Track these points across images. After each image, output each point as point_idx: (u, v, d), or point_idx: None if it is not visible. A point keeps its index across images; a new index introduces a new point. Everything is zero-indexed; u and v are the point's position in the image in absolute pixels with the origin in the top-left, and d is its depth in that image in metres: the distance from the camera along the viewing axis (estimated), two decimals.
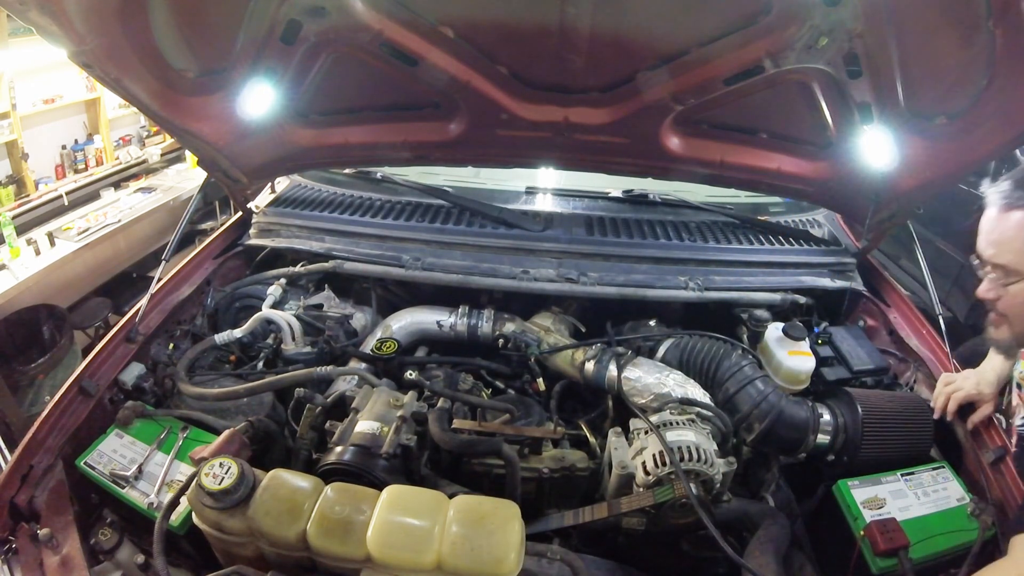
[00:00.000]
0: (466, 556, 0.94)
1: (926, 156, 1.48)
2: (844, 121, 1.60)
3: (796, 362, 1.50)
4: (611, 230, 1.88)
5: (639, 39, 1.49)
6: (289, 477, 1.06)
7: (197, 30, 1.46)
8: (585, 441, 1.42)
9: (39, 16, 1.13)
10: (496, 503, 1.02)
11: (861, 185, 1.70)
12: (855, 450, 1.36)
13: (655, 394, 1.39)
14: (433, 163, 2.00)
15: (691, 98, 1.62)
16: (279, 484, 1.04)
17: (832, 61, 1.45)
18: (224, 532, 1.04)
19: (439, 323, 1.66)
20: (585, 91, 1.66)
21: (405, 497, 1.02)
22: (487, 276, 1.67)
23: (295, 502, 1.02)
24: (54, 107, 5.36)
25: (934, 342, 1.59)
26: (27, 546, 1.07)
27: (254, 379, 1.43)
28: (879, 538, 1.15)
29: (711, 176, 1.87)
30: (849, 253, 1.88)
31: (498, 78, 1.64)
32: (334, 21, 1.45)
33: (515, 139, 1.81)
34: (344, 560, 1.00)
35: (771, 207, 2.20)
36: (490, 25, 1.51)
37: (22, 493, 1.14)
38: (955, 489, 1.28)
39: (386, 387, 1.40)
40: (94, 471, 1.18)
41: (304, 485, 1.05)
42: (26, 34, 4.09)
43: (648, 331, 1.63)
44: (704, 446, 1.22)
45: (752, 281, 1.73)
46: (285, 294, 1.71)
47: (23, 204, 4.11)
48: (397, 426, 1.24)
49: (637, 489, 1.22)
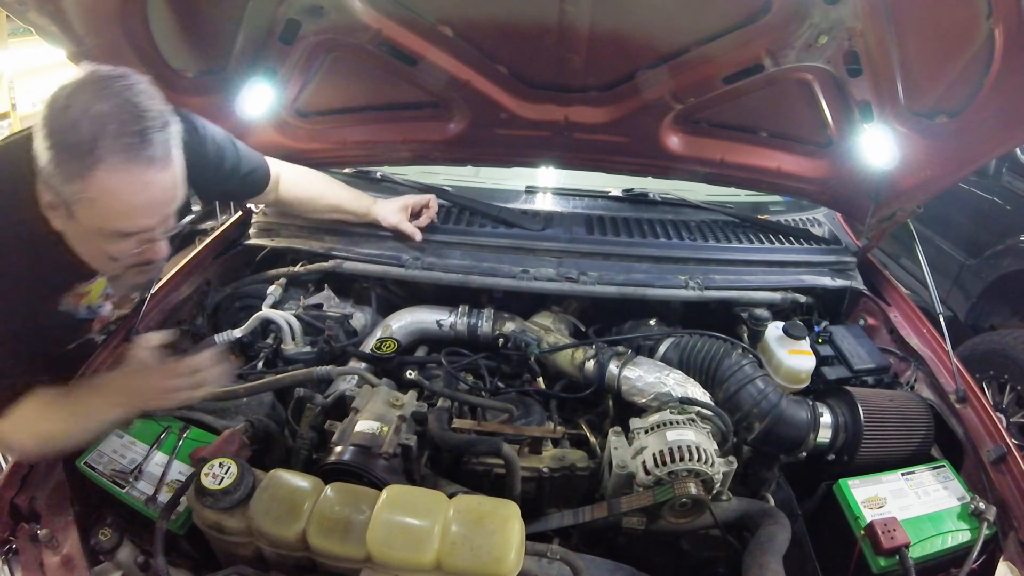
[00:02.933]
0: (466, 556, 0.94)
1: (926, 155, 1.48)
2: (844, 119, 1.60)
3: (796, 361, 1.50)
4: (611, 229, 1.88)
5: (638, 38, 1.49)
6: (289, 477, 1.06)
7: (196, 30, 1.46)
8: (585, 441, 1.42)
9: (38, 16, 1.13)
10: (496, 503, 1.02)
11: (861, 184, 1.70)
12: (855, 449, 1.35)
13: (655, 393, 1.39)
14: (433, 163, 2.00)
15: (691, 97, 1.62)
16: (279, 484, 1.04)
17: (832, 59, 1.45)
18: (224, 532, 1.04)
19: (439, 323, 1.66)
20: (585, 90, 1.66)
21: (405, 497, 1.02)
22: (487, 275, 1.67)
23: (295, 502, 1.02)
24: None
25: (935, 341, 1.58)
26: (27, 546, 1.07)
27: (254, 379, 1.43)
28: (880, 537, 1.14)
29: (711, 175, 1.87)
30: (849, 252, 1.88)
31: (497, 77, 1.64)
32: (333, 20, 1.44)
33: (515, 138, 1.81)
34: (344, 560, 1.00)
35: (771, 206, 2.20)
36: (489, 24, 1.51)
37: (22, 493, 1.14)
38: (956, 488, 1.28)
39: (386, 387, 1.40)
40: (94, 471, 1.18)
41: (304, 485, 1.05)
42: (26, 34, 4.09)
43: (648, 330, 1.63)
44: (704, 445, 1.22)
45: (752, 280, 1.73)
46: (285, 294, 1.71)
47: None
48: (397, 426, 1.24)
49: (637, 489, 1.22)
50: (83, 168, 0.95)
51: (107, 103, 0.95)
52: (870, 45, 1.36)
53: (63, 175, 0.97)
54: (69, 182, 0.97)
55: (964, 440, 1.38)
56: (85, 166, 0.95)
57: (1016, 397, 2.65)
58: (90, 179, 0.96)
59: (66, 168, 0.96)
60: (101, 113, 0.94)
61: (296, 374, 1.43)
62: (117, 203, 1.00)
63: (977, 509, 1.21)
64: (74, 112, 0.94)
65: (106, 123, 0.94)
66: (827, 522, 1.31)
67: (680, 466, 1.18)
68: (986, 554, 1.18)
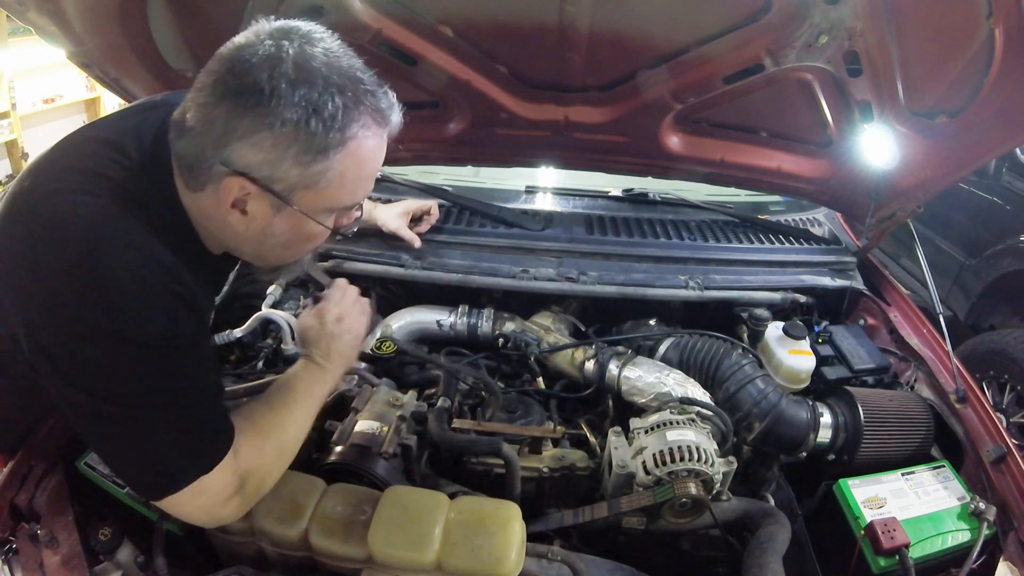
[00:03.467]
0: (467, 556, 0.94)
1: (926, 155, 1.48)
2: (844, 119, 1.60)
3: (796, 361, 1.50)
4: (611, 229, 1.88)
5: (638, 37, 1.49)
6: (291, 476, 1.06)
7: (196, 30, 1.46)
8: (585, 441, 1.42)
9: (38, 16, 1.13)
10: (498, 504, 1.03)
11: (861, 184, 1.70)
12: (855, 449, 1.35)
13: (655, 393, 1.39)
14: (432, 162, 1.99)
15: (691, 96, 1.62)
16: (281, 483, 1.04)
17: (832, 59, 1.45)
18: (226, 531, 1.05)
19: (439, 322, 1.66)
20: (585, 90, 1.66)
21: (406, 498, 1.02)
22: (487, 275, 1.66)
23: (297, 502, 1.02)
24: (54, 107, 5.37)
25: (935, 341, 1.58)
26: (27, 546, 1.07)
27: (254, 379, 1.43)
28: (880, 537, 1.14)
29: (711, 175, 1.87)
30: (849, 252, 1.88)
31: (497, 77, 1.64)
32: (333, 20, 1.44)
33: (515, 138, 1.80)
34: (345, 560, 1.00)
35: (771, 206, 2.20)
36: (489, 24, 1.51)
37: (22, 493, 1.14)
38: (956, 488, 1.28)
39: (386, 387, 1.40)
40: (94, 471, 1.18)
41: (306, 485, 1.05)
42: (26, 34, 4.09)
43: (648, 330, 1.63)
44: (704, 445, 1.22)
45: (752, 280, 1.73)
46: (285, 294, 1.71)
47: None
48: (397, 426, 1.24)
49: (637, 489, 1.22)
50: (341, 135, 0.80)
51: (336, 58, 0.80)
52: (870, 45, 1.36)
53: (302, 161, 0.80)
54: (310, 164, 0.81)
55: (964, 440, 1.38)
56: (336, 142, 0.80)
57: (1016, 397, 2.65)
58: (342, 154, 0.81)
59: (309, 150, 0.79)
60: (341, 70, 0.79)
61: None
62: (365, 171, 0.87)
63: (977, 509, 1.21)
64: (313, 74, 0.77)
65: (351, 79, 0.80)
66: (827, 522, 1.31)
67: (680, 466, 1.18)
68: (986, 554, 1.18)
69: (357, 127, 0.81)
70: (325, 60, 0.79)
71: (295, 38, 0.79)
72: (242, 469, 0.91)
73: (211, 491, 0.88)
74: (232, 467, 0.89)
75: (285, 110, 0.76)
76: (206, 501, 0.88)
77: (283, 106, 0.76)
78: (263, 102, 0.76)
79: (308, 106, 0.77)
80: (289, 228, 0.88)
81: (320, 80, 0.77)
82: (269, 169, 0.80)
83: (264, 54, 0.77)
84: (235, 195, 0.82)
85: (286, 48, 0.77)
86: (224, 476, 0.88)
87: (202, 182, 0.83)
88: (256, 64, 0.76)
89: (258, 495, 0.96)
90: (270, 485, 0.98)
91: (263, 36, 0.79)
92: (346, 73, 0.80)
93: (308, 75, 0.77)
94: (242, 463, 0.91)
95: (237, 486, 0.91)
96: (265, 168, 0.80)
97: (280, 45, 0.77)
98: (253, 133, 0.77)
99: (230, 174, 0.80)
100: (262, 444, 0.96)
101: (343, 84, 0.79)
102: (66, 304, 0.78)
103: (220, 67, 0.80)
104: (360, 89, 0.81)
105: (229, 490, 0.90)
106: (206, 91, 0.80)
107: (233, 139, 0.78)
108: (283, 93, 0.76)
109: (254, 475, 0.93)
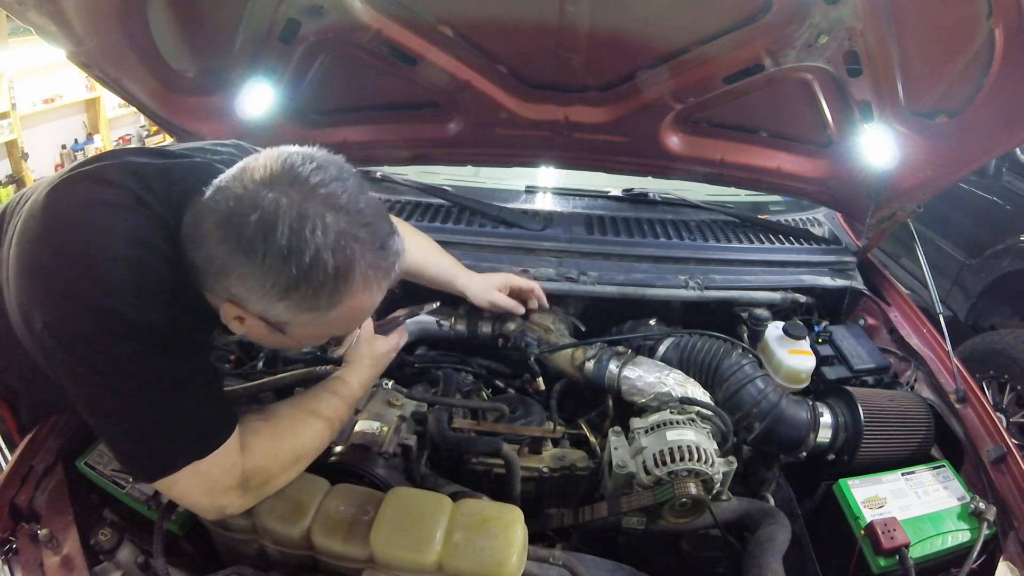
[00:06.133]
0: (469, 558, 0.94)
1: (926, 155, 1.48)
2: (844, 119, 1.60)
3: (796, 361, 1.50)
4: (611, 229, 1.88)
5: (638, 37, 1.49)
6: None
7: (196, 30, 1.46)
8: (585, 440, 1.42)
9: (37, 16, 1.13)
10: (500, 507, 1.03)
11: (861, 184, 1.70)
12: (855, 449, 1.35)
13: (655, 393, 1.39)
14: (433, 162, 2.00)
15: (691, 96, 1.62)
16: None
17: (832, 59, 1.45)
18: (228, 529, 1.05)
19: (439, 323, 1.66)
20: (585, 90, 1.66)
21: (410, 499, 1.02)
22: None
23: (300, 500, 1.02)
24: (54, 107, 5.37)
25: (935, 341, 1.58)
26: (27, 546, 1.07)
27: (254, 379, 1.43)
28: (880, 537, 1.14)
29: (711, 175, 1.87)
30: (849, 252, 1.88)
31: (498, 77, 1.64)
32: (333, 20, 1.44)
33: (515, 138, 1.81)
34: (347, 560, 1.00)
35: (771, 206, 2.20)
36: (489, 24, 1.51)
37: (22, 493, 1.14)
38: (956, 488, 1.28)
39: (386, 387, 1.40)
40: (94, 471, 1.18)
41: (309, 484, 1.05)
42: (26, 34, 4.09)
43: (648, 330, 1.63)
44: (704, 445, 1.22)
45: (752, 280, 1.73)
46: None
47: None
48: (397, 425, 1.24)
49: (637, 489, 1.22)
50: (331, 299, 0.81)
51: (337, 216, 0.78)
52: (870, 45, 1.36)
53: (292, 310, 0.81)
54: (301, 313, 0.82)
55: (964, 440, 1.38)
56: (325, 305, 0.81)
57: (1016, 397, 2.65)
58: (336, 307, 0.82)
59: (299, 307, 0.81)
60: (339, 233, 0.78)
61: (296, 374, 1.42)
62: (357, 314, 0.88)
63: (977, 509, 1.21)
64: (306, 242, 0.76)
65: (348, 245, 0.79)
66: (827, 522, 1.31)
67: (680, 466, 1.18)
68: (986, 554, 1.18)
69: (347, 292, 0.81)
70: (323, 218, 0.77)
71: (295, 193, 0.77)
72: (249, 465, 0.93)
73: (208, 478, 0.89)
74: (233, 458, 0.91)
75: (277, 276, 0.77)
76: (202, 487, 0.90)
77: (274, 272, 0.77)
78: (255, 260, 0.77)
79: (299, 275, 0.77)
80: (287, 341, 0.90)
81: (314, 247, 0.76)
82: (262, 308, 0.82)
83: (260, 217, 0.76)
84: (234, 315, 0.85)
85: (284, 208, 0.76)
86: (223, 465, 0.90)
87: (207, 288, 0.86)
88: (255, 224, 0.76)
89: (263, 493, 0.98)
90: (278, 486, 1.00)
91: (263, 188, 0.78)
92: (346, 231, 0.78)
93: (302, 244, 0.76)
94: (249, 459, 0.93)
95: (239, 478, 0.92)
96: (258, 307, 0.82)
97: (279, 204, 0.76)
98: (248, 279, 0.79)
99: (228, 300, 0.83)
100: (277, 445, 0.98)
101: (340, 246, 0.78)
102: (70, 285, 0.81)
103: (222, 213, 0.79)
104: (359, 249, 0.80)
105: (228, 480, 0.91)
106: (211, 226, 0.80)
107: (231, 279, 0.80)
108: (272, 263, 0.77)
109: (261, 473, 0.95)
